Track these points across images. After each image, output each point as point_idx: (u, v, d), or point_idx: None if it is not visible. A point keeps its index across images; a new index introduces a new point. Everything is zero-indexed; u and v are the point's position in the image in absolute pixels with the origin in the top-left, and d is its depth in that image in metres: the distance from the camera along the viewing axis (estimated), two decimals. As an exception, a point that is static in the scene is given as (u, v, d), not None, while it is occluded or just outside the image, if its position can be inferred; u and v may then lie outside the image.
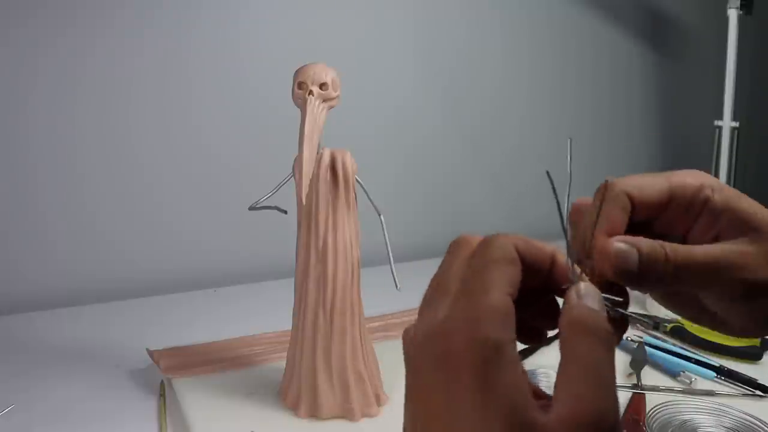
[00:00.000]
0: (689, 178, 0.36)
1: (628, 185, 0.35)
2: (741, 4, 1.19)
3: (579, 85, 1.39)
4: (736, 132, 1.24)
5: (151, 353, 0.76)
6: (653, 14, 1.43)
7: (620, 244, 0.33)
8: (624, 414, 0.65)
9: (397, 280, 0.64)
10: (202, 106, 1.05)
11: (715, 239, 0.36)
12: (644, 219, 0.36)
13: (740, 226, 0.35)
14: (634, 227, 0.35)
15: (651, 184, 0.36)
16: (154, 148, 1.03)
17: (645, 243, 0.33)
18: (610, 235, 0.34)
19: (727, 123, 1.24)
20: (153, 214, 1.05)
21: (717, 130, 1.26)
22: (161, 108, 1.03)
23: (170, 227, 1.06)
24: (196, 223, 1.08)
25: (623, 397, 0.68)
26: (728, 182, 1.24)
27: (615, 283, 0.33)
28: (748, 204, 0.36)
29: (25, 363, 0.78)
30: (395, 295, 0.65)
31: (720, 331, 0.39)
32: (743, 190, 0.38)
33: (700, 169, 0.38)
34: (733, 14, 1.20)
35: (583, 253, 0.35)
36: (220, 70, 1.05)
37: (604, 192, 0.36)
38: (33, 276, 0.99)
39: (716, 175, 1.26)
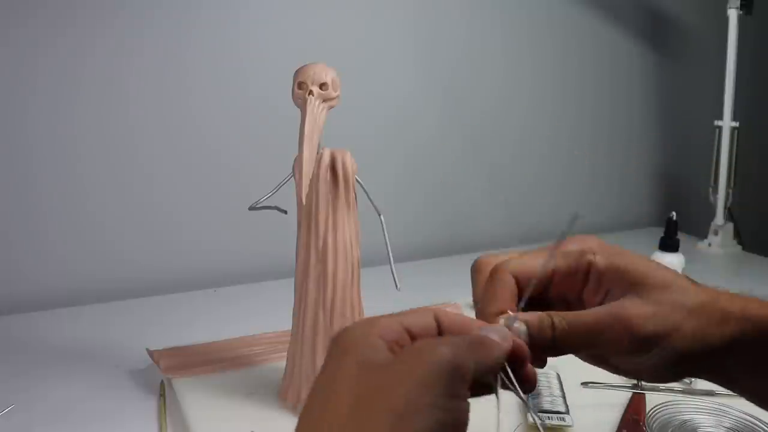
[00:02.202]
0: (571, 245, 0.40)
1: (515, 267, 0.39)
2: (741, 4, 1.19)
3: (579, 86, 1.39)
4: (736, 132, 1.25)
5: (151, 353, 0.76)
6: (653, 14, 1.43)
7: (503, 319, 0.36)
8: (624, 414, 0.65)
9: (397, 280, 0.64)
10: (202, 105, 1.05)
11: (604, 298, 0.39)
12: (539, 291, 0.39)
13: (623, 283, 0.38)
14: (534, 299, 0.38)
15: (533, 262, 0.39)
16: (154, 148, 1.04)
17: (532, 316, 0.36)
18: (500, 312, 0.37)
19: (727, 123, 1.24)
20: (153, 214, 1.05)
21: (717, 130, 1.26)
22: (161, 108, 1.03)
23: (170, 227, 1.06)
24: (196, 223, 1.08)
25: (623, 397, 0.68)
26: (728, 182, 1.24)
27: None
28: (629, 260, 0.39)
29: (25, 363, 0.78)
30: (395, 295, 0.65)
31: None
32: (743, 190, 0.39)
33: (700, 170, 0.39)
34: (733, 14, 1.20)
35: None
36: (220, 70, 1.05)
37: (493, 273, 0.39)
38: (33, 276, 0.99)
39: (716, 175, 1.26)
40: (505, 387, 0.33)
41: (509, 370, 0.33)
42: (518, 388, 0.33)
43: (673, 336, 0.36)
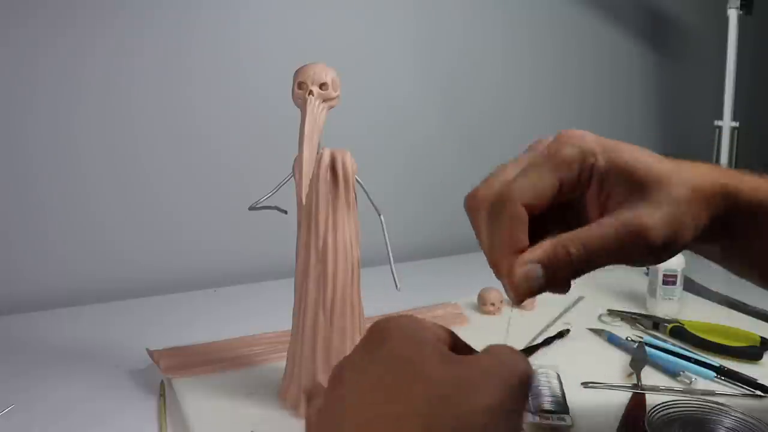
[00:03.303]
0: (567, 149, 0.36)
1: (524, 196, 0.35)
2: (741, 4, 1.19)
3: (579, 85, 1.39)
4: (736, 132, 1.25)
5: (151, 353, 0.76)
6: (653, 14, 1.43)
7: (520, 270, 0.34)
8: (624, 414, 0.65)
9: (397, 280, 0.64)
10: (202, 106, 1.05)
11: (606, 201, 0.36)
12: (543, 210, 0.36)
13: (626, 184, 0.35)
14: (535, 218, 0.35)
15: (541, 183, 0.35)
16: (154, 148, 1.04)
17: (545, 253, 0.34)
18: (515, 252, 0.34)
19: (727, 123, 1.24)
20: (153, 214, 1.05)
21: (717, 130, 1.26)
22: (161, 108, 1.03)
23: (170, 227, 1.06)
24: (196, 223, 1.08)
25: (623, 397, 0.68)
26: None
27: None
28: (628, 155, 0.36)
29: (25, 363, 0.78)
30: (395, 295, 0.66)
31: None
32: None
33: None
34: (733, 14, 1.20)
35: (497, 273, 0.36)
36: (220, 70, 1.05)
37: (500, 210, 0.35)
38: (33, 276, 0.99)
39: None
40: None
41: None
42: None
43: (685, 234, 0.35)
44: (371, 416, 0.28)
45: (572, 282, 0.36)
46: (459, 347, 0.33)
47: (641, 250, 0.34)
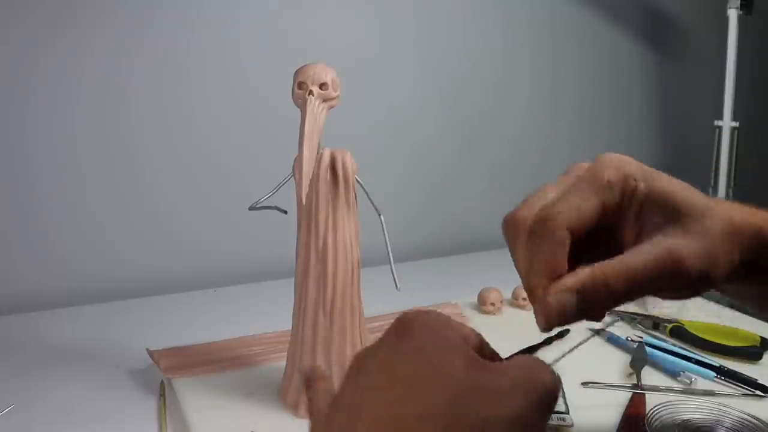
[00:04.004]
0: (609, 172, 0.35)
1: (567, 218, 0.34)
2: (741, 4, 1.19)
3: (579, 85, 1.39)
4: (736, 132, 1.24)
5: (151, 353, 0.76)
6: (653, 14, 1.43)
7: (554, 297, 0.33)
8: (624, 414, 0.65)
9: (397, 280, 0.64)
10: (202, 106, 1.05)
11: (642, 228, 0.35)
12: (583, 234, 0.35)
13: (663, 211, 0.34)
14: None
15: (584, 206, 0.34)
16: (154, 148, 1.04)
17: (583, 282, 0.33)
18: (553, 277, 0.33)
19: (727, 123, 1.24)
20: (153, 214, 1.05)
21: (717, 130, 1.26)
22: (161, 108, 1.03)
23: (170, 227, 1.06)
24: (196, 223, 1.08)
25: (623, 397, 0.68)
26: (728, 182, 1.24)
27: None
28: (666, 183, 0.35)
29: (25, 363, 0.78)
30: (395, 295, 0.66)
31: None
32: (743, 190, 0.38)
33: (700, 170, 0.38)
34: (733, 14, 1.20)
35: (531, 298, 0.35)
36: (220, 70, 1.05)
37: (542, 233, 0.34)
38: (33, 276, 0.99)
39: (716, 175, 1.26)
40: None
41: None
42: None
43: (719, 268, 0.34)
44: (389, 412, 0.27)
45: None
46: (485, 352, 0.32)
47: (678, 280, 0.33)
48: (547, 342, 0.79)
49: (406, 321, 0.30)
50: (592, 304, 0.33)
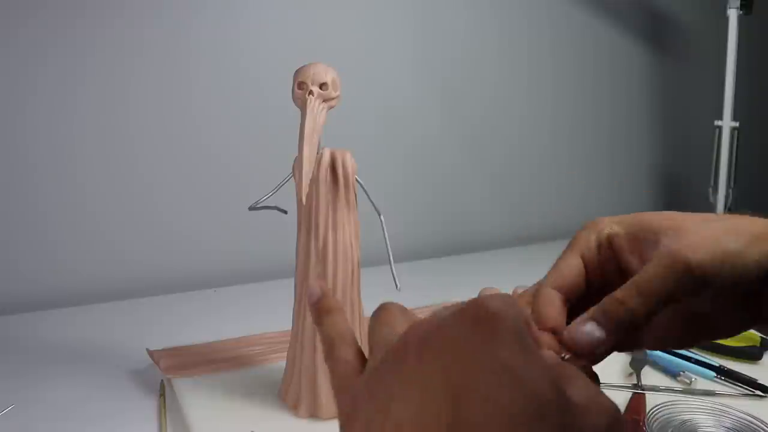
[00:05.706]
0: (583, 232, 0.38)
1: (551, 280, 0.37)
2: (741, 4, 1.19)
3: (579, 85, 1.39)
4: (736, 132, 1.25)
5: (151, 353, 0.76)
6: (653, 14, 1.43)
7: (577, 329, 0.34)
8: (624, 414, 0.65)
9: (397, 280, 0.64)
10: (203, 106, 1.05)
11: (642, 253, 0.36)
12: (582, 295, 0.37)
13: (654, 232, 0.36)
14: (576, 306, 0.37)
15: (565, 264, 0.37)
16: (155, 149, 1.04)
17: (597, 313, 0.34)
18: (547, 328, 0.35)
19: (727, 123, 1.24)
20: (153, 214, 1.05)
21: (717, 130, 1.26)
22: (161, 108, 1.03)
23: (170, 227, 1.06)
24: (196, 223, 1.08)
25: (623, 397, 0.68)
26: (728, 182, 1.24)
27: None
28: (646, 215, 0.37)
29: (25, 363, 0.78)
30: (395, 295, 0.65)
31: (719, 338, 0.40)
32: (743, 190, 0.38)
33: (700, 169, 0.38)
34: (733, 14, 1.20)
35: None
36: (220, 70, 1.05)
37: (534, 298, 0.37)
38: (33, 276, 0.99)
39: (716, 175, 1.26)
40: None
41: None
42: None
43: (729, 263, 0.33)
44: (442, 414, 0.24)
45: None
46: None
47: (689, 280, 0.33)
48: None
49: (486, 316, 0.26)
50: (616, 327, 0.34)
